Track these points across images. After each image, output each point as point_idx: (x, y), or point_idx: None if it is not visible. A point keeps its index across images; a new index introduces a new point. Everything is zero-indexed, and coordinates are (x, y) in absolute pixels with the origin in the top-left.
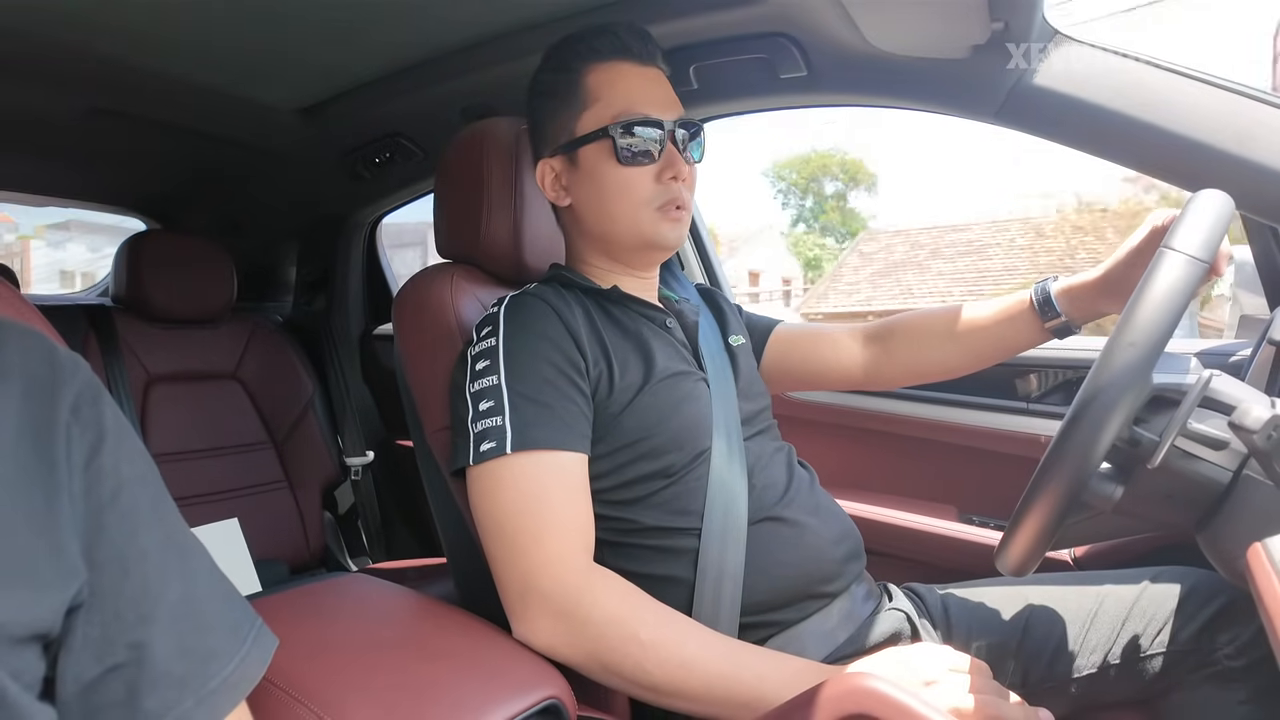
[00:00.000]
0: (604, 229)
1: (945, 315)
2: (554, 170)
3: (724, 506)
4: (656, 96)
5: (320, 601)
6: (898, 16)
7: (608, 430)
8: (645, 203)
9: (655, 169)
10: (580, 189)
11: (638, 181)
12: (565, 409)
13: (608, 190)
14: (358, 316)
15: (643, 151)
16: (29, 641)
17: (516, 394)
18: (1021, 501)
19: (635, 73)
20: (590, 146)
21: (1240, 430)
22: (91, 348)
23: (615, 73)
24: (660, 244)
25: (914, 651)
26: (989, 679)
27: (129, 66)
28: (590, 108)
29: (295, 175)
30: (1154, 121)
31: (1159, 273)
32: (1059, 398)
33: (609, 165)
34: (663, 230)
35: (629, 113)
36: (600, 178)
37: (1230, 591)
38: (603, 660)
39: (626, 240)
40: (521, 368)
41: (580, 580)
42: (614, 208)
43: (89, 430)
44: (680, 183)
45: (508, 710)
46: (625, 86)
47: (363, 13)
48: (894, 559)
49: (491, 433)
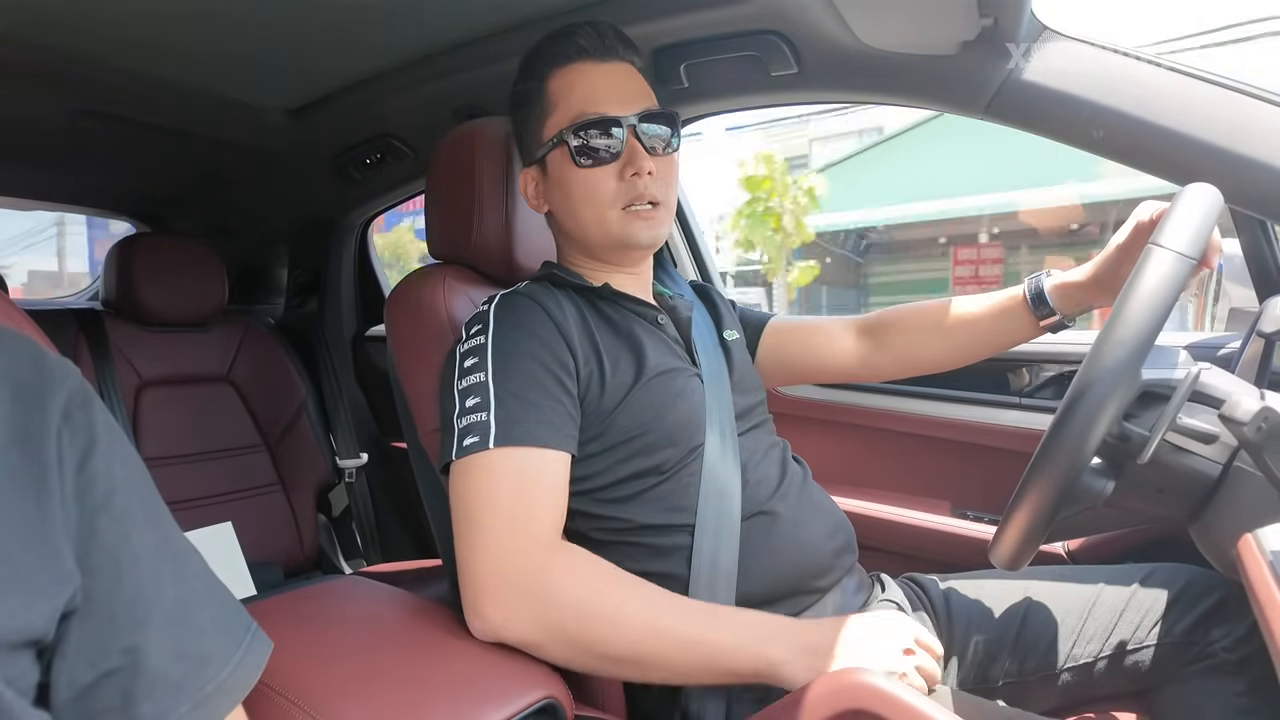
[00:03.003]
0: (579, 234)
1: (939, 309)
2: (533, 179)
3: (717, 502)
4: (616, 93)
5: (315, 604)
6: (887, 13)
7: (601, 428)
8: (609, 203)
9: (616, 167)
10: (552, 196)
11: (599, 182)
12: (551, 408)
13: (573, 195)
14: (350, 318)
15: (601, 150)
16: (23, 648)
17: (503, 390)
18: (1014, 497)
19: (595, 71)
20: (554, 153)
21: (1230, 423)
22: (82, 352)
23: (575, 75)
24: (631, 244)
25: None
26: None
27: (118, 69)
28: (551, 115)
29: (286, 177)
30: (1143, 116)
31: (1146, 270)
32: (1052, 392)
33: (569, 169)
34: (632, 230)
35: (583, 114)
36: (565, 183)
37: (1225, 585)
38: (570, 636)
39: (600, 242)
40: (509, 365)
41: (546, 558)
42: (580, 212)
43: (80, 435)
44: (643, 178)
45: (504, 711)
46: (583, 88)
47: (352, 13)
48: (888, 553)
49: (476, 428)
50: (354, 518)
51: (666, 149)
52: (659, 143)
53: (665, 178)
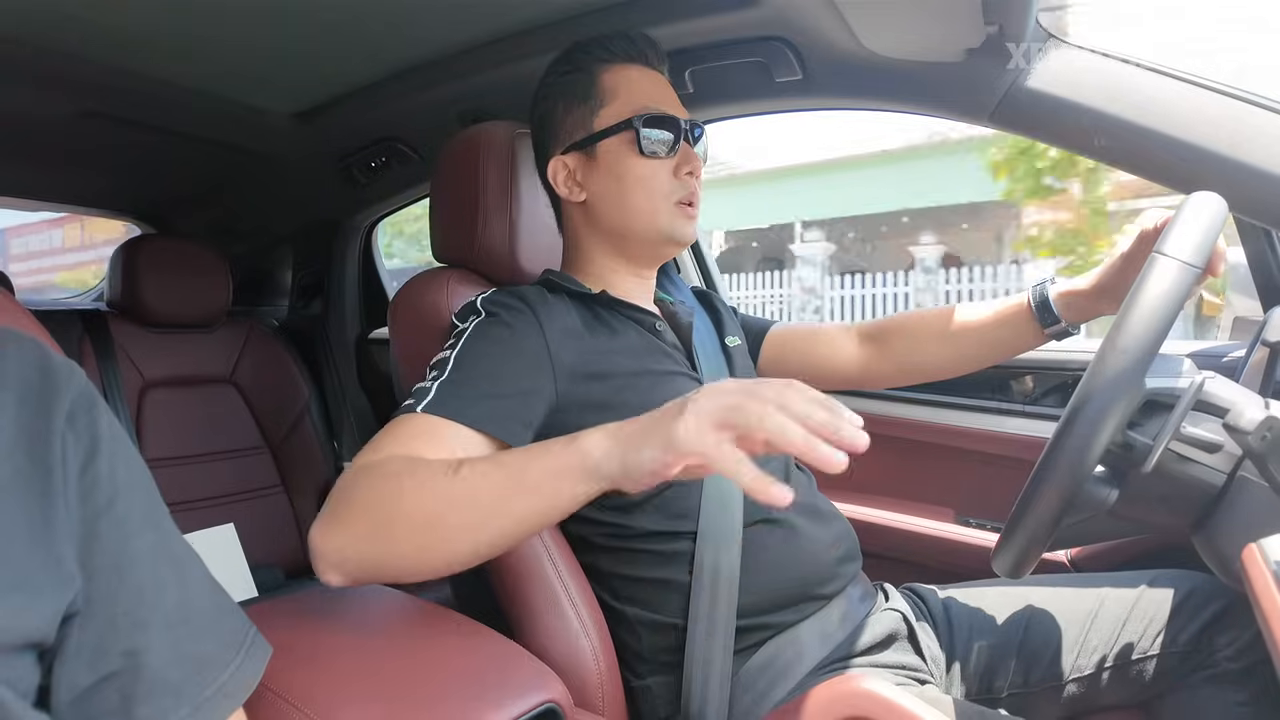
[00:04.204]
0: (623, 223)
1: (942, 316)
2: (568, 167)
3: (719, 509)
4: (669, 98)
5: (317, 607)
6: (892, 20)
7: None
8: (664, 196)
9: (673, 163)
10: (598, 183)
11: (658, 174)
12: (499, 397)
13: (628, 182)
14: (354, 320)
15: (663, 144)
16: (24, 650)
17: (456, 370)
18: (1017, 505)
19: (648, 76)
20: (611, 140)
21: (1234, 432)
22: (87, 353)
23: (633, 73)
24: (676, 238)
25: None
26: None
27: (124, 71)
28: (608, 104)
29: (291, 179)
30: (1148, 124)
31: (1151, 278)
32: (1055, 400)
33: (630, 158)
34: (678, 224)
35: (648, 109)
36: (621, 170)
37: (1229, 594)
38: (380, 535)
39: (644, 233)
40: (474, 350)
41: (357, 473)
42: (633, 200)
43: (84, 438)
44: (696, 178)
45: (505, 714)
46: (643, 85)
47: (358, 17)
48: (892, 561)
49: (418, 393)
50: None
51: (705, 159)
52: (701, 150)
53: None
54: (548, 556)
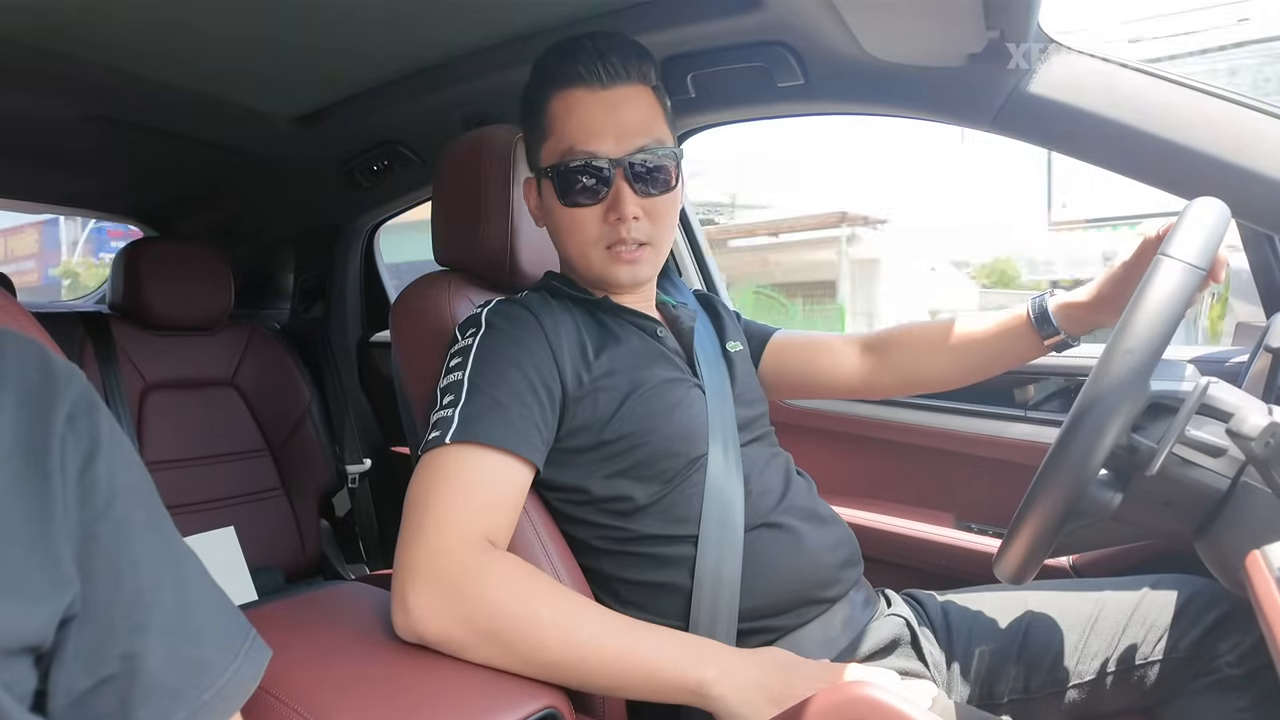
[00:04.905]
0: (566, 259)
1: (943, 328)
2: (536, 190)
3: (720, 513)
4: (611, 128)
5: (317, 610)
6: (894, 25)
7: (597, 438)
8: (592, 243)
9: (601, 209)
10: (547, 217)
11: (584, 221)
12: (520, 414)
13: (559, 226)
14: (355, 323)
15: (587, 191)
16: (21, 654)
17: (474, 389)
18: (1019, 509)
19: (592, 101)
20: (545, 181)
21: (1238, 437)
22: (88, 355)
23: (571, 102)
24: (612, 284)
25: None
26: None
27: (127, 74)
28: (548, 139)
29: (293, 183)
30: (1150, 130)
31: (1156, 280)
32: (1057, 405)
33: (556, 203)
34: (612, 271)
35: (571, 153)
36: (553, 213)
37: (1230, 599)
38: (491, 637)
39: (584, 275)
40: (488, 367)
41: (481, 558)
42: (565, 244)
43: (83, 440)
44: (627, 223)
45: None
46: (577, 121)
47: (361, 21)
48: (892, 566)
49: (441, 423)
50: (357, 523)
51: (663, 189)
52: (653, 184)
53: (658, 218)
54: (547, 559)
